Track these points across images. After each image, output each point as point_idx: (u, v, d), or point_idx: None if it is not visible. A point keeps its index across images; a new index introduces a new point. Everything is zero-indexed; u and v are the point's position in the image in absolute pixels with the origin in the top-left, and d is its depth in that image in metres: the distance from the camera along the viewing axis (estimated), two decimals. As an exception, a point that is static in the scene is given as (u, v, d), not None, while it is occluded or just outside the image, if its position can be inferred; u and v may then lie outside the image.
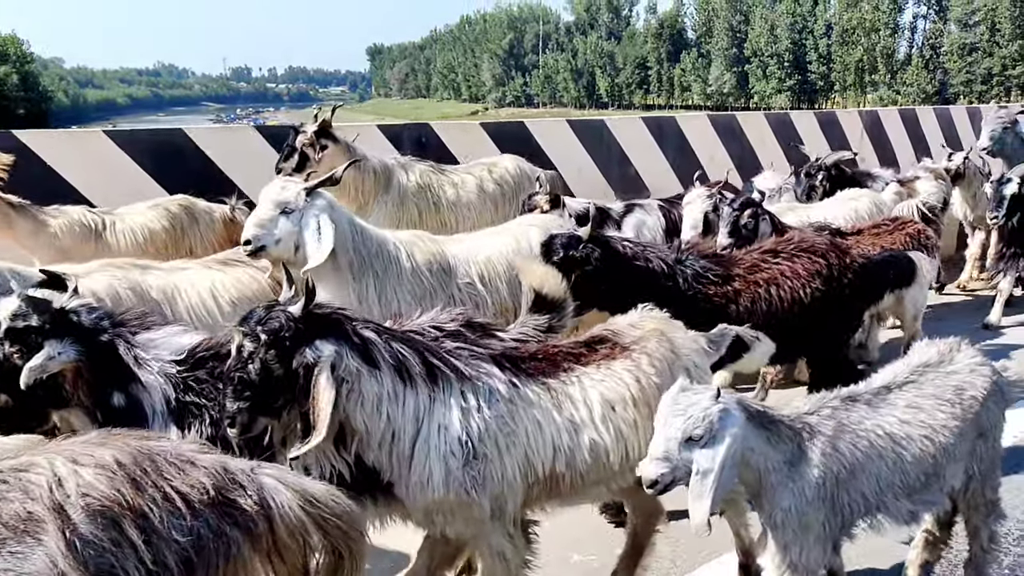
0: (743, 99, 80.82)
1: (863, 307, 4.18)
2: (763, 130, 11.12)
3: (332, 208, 3.83)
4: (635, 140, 9.45)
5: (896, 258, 4.08)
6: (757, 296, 3.66)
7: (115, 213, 4.80)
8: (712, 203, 4.91)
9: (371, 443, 2.44)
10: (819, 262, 3.78)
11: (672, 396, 2.34)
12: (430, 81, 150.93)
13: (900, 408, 2.65)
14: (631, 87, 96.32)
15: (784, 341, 3.76)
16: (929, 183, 7.06)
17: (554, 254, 3.49)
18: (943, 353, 2.87)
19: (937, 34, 67.33)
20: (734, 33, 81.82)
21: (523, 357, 2.74)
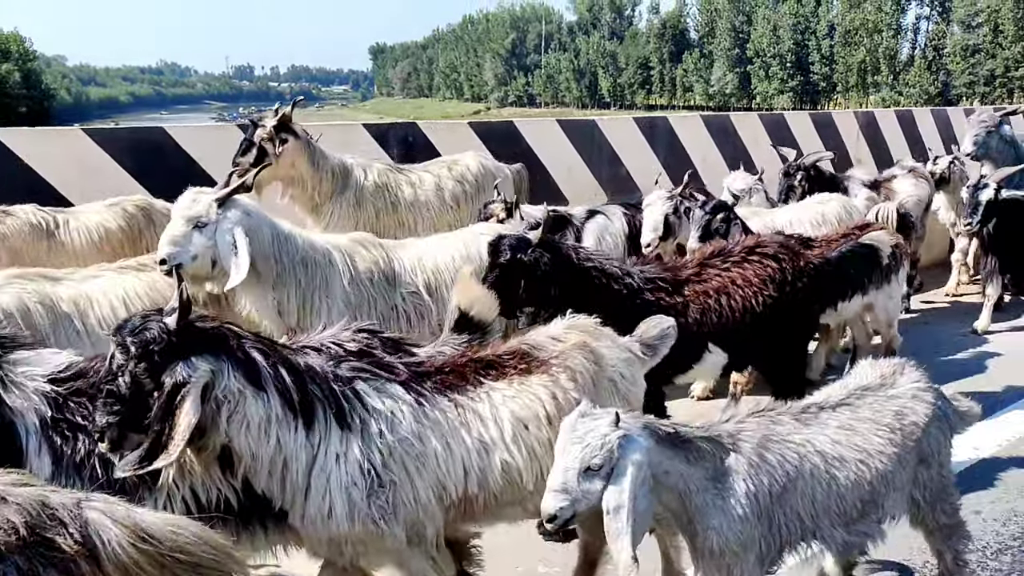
0: (745, 100, 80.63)
1: (820, 311, 4.07)
2: (757, 131, 11.02)
3: (248, 216, 3.66)
4: (627, 140, 9.36)
5: (859, 261, 3.97)
6: (707, 307, 3.53)
7: (68, 212, 4.65)
8: (672, 205, 4.78)
9: (259, 470, 2.28)
10: (771, 267, 3.64)
11: (570, 423, 2.21)
12: (432, 80, 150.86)
13: (832, 428, 2.53)
14: (633, 87, 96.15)
15: (737, 350, 3.68)
16: (907, 182, 6.97)
17: (501, 256, 3.37)
18: (885, 376, 2.77)
19: (940, 35, 67.09)
20: (736, 34, 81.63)
21: (429, 374, 2.59)
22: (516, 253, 3.37)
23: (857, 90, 70.87)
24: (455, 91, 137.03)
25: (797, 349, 3.87)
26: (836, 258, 3.90)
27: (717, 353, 3.63)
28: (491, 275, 3.42)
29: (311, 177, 5.09)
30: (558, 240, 3.66)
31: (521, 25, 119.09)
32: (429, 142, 8.33)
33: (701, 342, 3.60)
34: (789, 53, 75.25)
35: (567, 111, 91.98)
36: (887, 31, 68.14)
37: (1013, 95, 58.08)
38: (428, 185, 5.60)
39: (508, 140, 8.83)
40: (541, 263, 3.37)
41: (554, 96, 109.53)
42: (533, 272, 3.36)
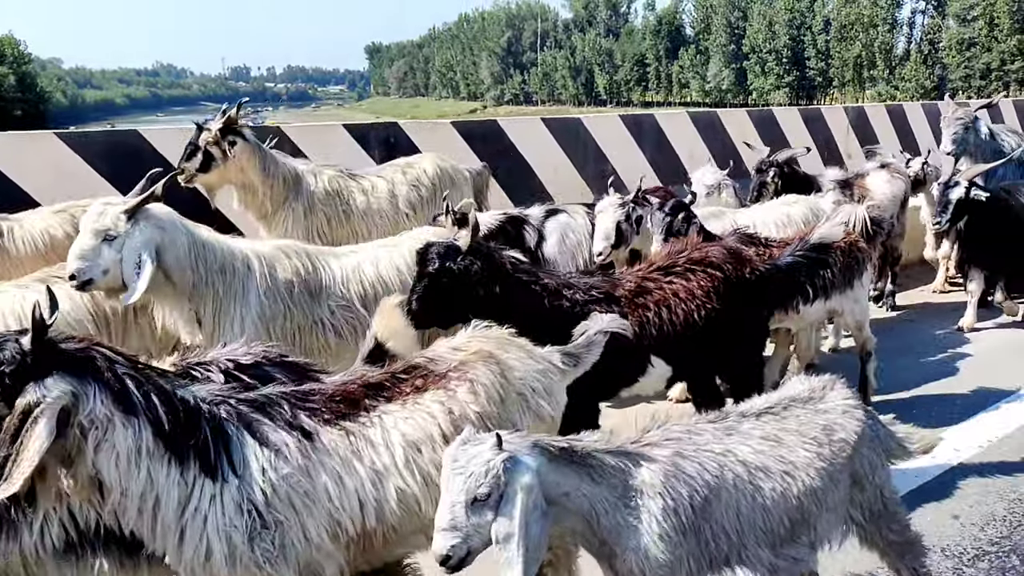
0: (742, 95, 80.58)
1: (769, 317, 3.96)
2: (745, 127, 10.96)
3: (160, 230, 3.49)
4: (612, 138, 9.30)
5: (813, 265, 3.85)
6: (645, 320, 3.39)
7: (13, 219, 4.48)
8: (624, 212, 4.64)
9: (128, 507, 2.10)
10: (716, 276, 3.51)
11: (451, 453, 2.04)
12: (428, 79, 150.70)
13: (755, 439, 2.38)
14: (630, 84, 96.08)
15: (682, 363, 3.56)
16: (880, 179, 6.80)
17: (429, 265, 3.20)
18: (814, 390, 2.62)
19: (935, 29, 67.03)
20: (732, 29, 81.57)
21: (318, 402, 2.38)
22: (445, 261, 3.19)
23: (853, 85, 70.82)
24: (451, 90, 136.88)
25: (747, 358, 3.77)
26: (786, 264, 3.78)
27: (661, 365, 3.51)
28: (419, 286, 3.27)
29: (262, 183, 4.93)
30: (492, 246, 3.43)
31: (517, 23, 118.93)
32: (411, 142, 8.26)
33: (643, 355, 3.45)
34: (785, 48, 75.20)
35: (563, 109, 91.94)
36: (883, 25, 68.13)
37: (1009, 88, 58.03)
38: (382, 192, 5.39)
39: (492, 139, 8.76)
40: (472, 271, 3.19)
41: (550, 94, 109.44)
42: (464, 281, 3.18)
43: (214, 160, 4.77)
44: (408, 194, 5.46)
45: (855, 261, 4.75)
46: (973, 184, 6.02)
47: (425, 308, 3.23)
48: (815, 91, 75.66)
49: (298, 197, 5.03)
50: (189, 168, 4.83)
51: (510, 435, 2.09)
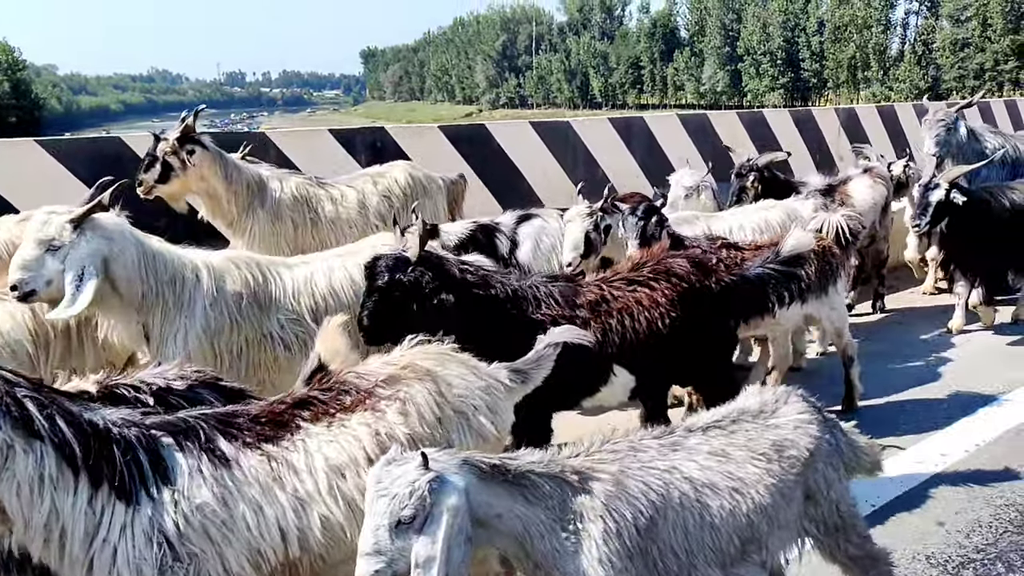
0: (737, 97, 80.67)
1: (736, 327, 3.89)
2: (736, 129, 10.91)
3: (108, 240, 3.37)
4: (602, 141, 9.25)
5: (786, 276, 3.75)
6: (608, 327, 3.30)
7: None
8: (593, 221, 4.55)
9: (33, 537, 1.99)
10: (680, 286, 3.41)
11: (375, 474, 1.94)
12: (424, 84, 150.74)
13: (702, 454, 2.29)
14: (625, 87, 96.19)
15: (645, 372, 3.47)
16: (863, 185, 6.71)
17: (378, 279, 3.09)
18: (766, 403, 2.52)
19: (929, 30, 67.14)
20: (727, 31, 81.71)
21: (241, 423, 2.25)
22: (394, 274, 3.07)
23: (847, 86, 70.94)
24: (447, 94, 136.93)
25: (714, 368, 3.70)
26: (755, 275, 3.70)
27: (623, 375, 3.43)
28: (369, 301, 3.14)
29: (225, 190, 4.81)
30: (443, 255, 3.30)
31: (511, 27, 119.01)
32: (398, 147, 8.21)
33: (606, 364, 3.36)
34: (779, 50, 75.34)
35: (559, 112, 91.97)
36: (876, 26, 68.29)
37: (1003, 88, 58.14)
38: (351, 201, 5.26)
39: (480, 143, 8.71)
40: (422, 283, 3.07)
41: (546, 97, 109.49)
42: (415, 293, 3.07)
43: (173, 170, 4.67)
44: (379, 204, 5.34)
45: (829, 267, 4.68)
46: (954, 186, 5.93)
47: (377, 324, 3.12)
48: (810, 92, 75.76)
49: (264, 203, 4.93)
50: (148, 179, 4.71)
51: (438, 453, 1.98)
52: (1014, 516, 3.69)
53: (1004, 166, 7.39)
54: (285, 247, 4.93)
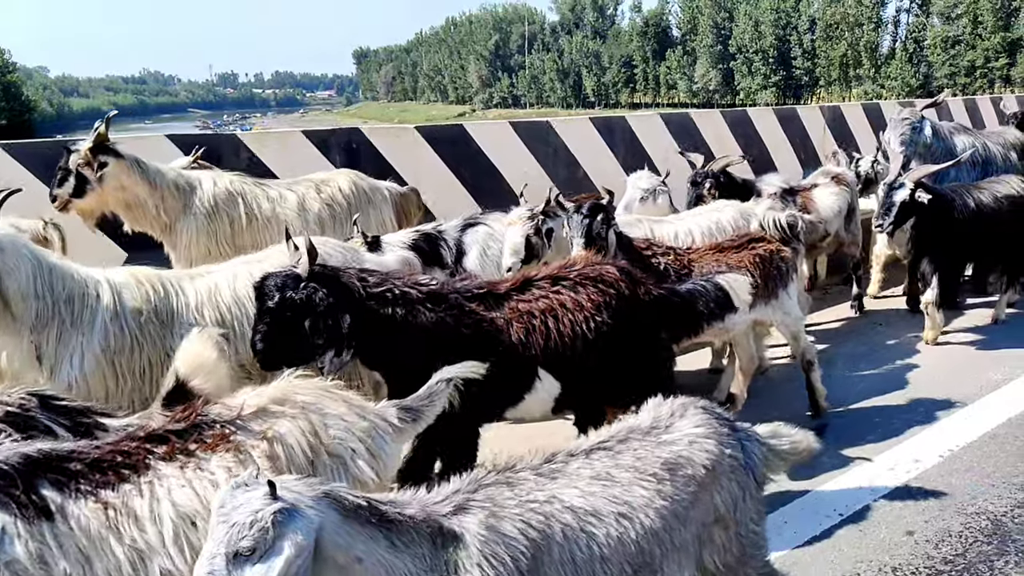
0: (729, 96, 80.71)
1: (673, 339, 3.71)
2: (720, 128, 10.82)
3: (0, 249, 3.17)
4: (583, 141, 9.15)
5: (718, 302, 3.61)
6: (532, 327, 3.16)
7: None
8: (534, 225, 4.39)
9: None
10: (608, 292, 3.28)
11: (220, 498, 1.77)
12: (417, 84, 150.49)
13: (584, 480, 2.11)
14: (617, 86, 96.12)
15: (572, 380, 3.31)
16: (828, 191, 6.59)
17: (267, 300, 2.91)
18: (659, 419, 2.36)
19: (920, 27, 67.25)
20: (719, 30, 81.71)
21: (77, 464, 2.02)
22: (285, 293, 2.89)
23: (839, 84, 71.03)
24: (440, 94, 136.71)
25: (645, 382, 3.54)
26: (686, 292, 3.58)
27: (549, 381, 3.26)
28: (261, 323, 2.96)
29: (150, 196, 4.59)
30: (339, 268, 3.10)
31: (504, 26, 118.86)
32: (374, 148, 8.10)
33: (530, 367, 3.18)
34: (771, 48, 75.37)
35: (552, 111, 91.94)
36: (868, 24, 68.38)
37: (993, 85, 58.28)
38: (291, 203, 5.06)
39: (458, 144, 8.61)
40: (315, 300, 2.88)
41: (539, 97, 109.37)
42: (309, 312, 2.88)
43: (88, 183, 4.42)
44: (320, 211, 5.13)
45: (778, 271, 4.51)
46: (919, 185, 5.82)
47: (271, 347, 2.94)
48: (802, 91, 75.84)
49: (198, 204, 4.73)
50: (62, 194, 4.46)
51: (296, 482, 1.80)
52: (984, 525, 3.61)
53: (975, 167, 7.28)
54: (224, 245, 4.75)
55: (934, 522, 3.64)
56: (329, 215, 5.13)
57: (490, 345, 3.08)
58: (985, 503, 3.79)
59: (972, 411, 4.84)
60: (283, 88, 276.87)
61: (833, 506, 3.78)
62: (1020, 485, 3.94)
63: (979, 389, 5.17)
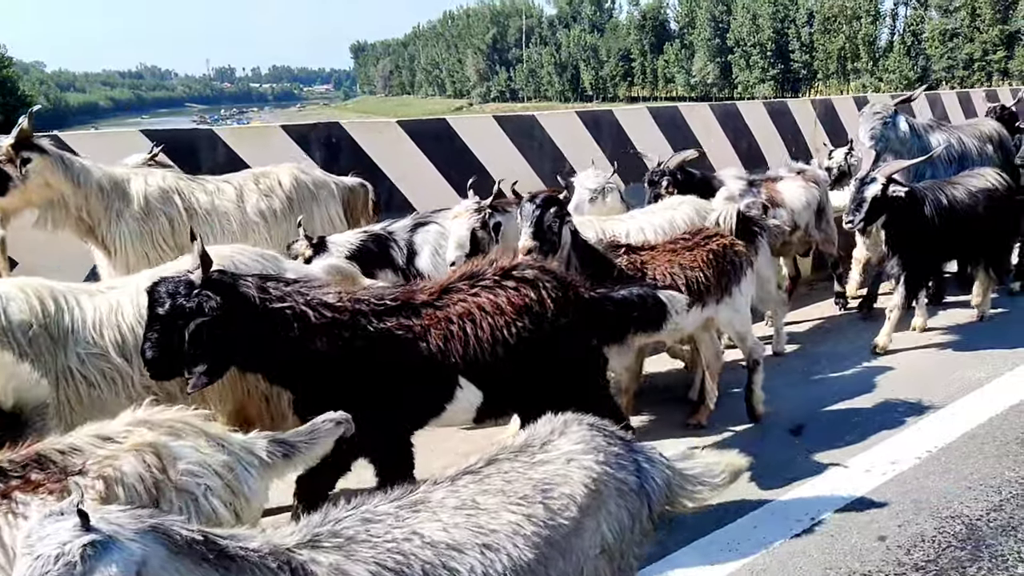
0: (727, 89, 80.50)
1: (604, 344, 3.50)
2: (708, 122, 10.72)
3: None
4: (570, 136, 9.04)
5: (652, 311, 3.33)
6: (450, 333, 3.00)
7: None
8: (480, 219, 4.25)
9: None
10: (528, 296, 3.11)
11: (28, 528, 1.61)
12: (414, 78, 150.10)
13: (448, 510, 1.92)
14: (615, 79, 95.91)
15: (494, 388, 3.14)
16: (794, 184, 6.41)
17: (158, 307, 2.74)
18: (535, 437, 2.16)
19: (918, 20, 67.01)
20: (716, 23, 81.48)
21: None
22: (175, 300, 2.71)
23: (837, 77, 70.85)
24: (438, 88, 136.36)
25: (574, 390, 3.29)
26: (620, 298, 3.44)
27: (470, 390, 3.10)
28: (151, 331, 2.78)
29: (74, 194, 4.36)
30: (238, 276, 2.92)
31: (501, 20, 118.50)
32: (355, 144, 8.00)
33: (450, 376, 3.02)
34: (769, 42, 75.18)
35: (550, 105, 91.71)
36: (866, 17, 68.21)
37: (991, 78, 58.08)
38: (228, 195, 4.86)
39: (442, 139, 8.51)
40: (207, 308, 2.69)
41: (536, 90, 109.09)
42: (203, 321, 2.70)
43: (11, 180, 4.17)
44: (258, 202, 4.92)
45: (732, 266, 4.34)
46: (891, 181, 5.63)
47: (162, 357, 2.74)
48: (800, 84, 75.64)
49: (127, 203, 4.50)
50: None
51: (120, 513, 1.62)
52: (959, 530, 3.52)
53: (951, 163, 7.11)
54: (164, 246, 4.56)
55: (907, 527, 3.54)
56: (268, 208, 4.93)
57: (405, 357, 2.92)
58: (961, 506, 3.70)
59: (952, 411, 4.74)
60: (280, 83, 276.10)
61: (805, 510, 3.69)
62: (997, 487, 3.85)
63: (960, 388, 5.08)
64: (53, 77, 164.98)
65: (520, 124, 9.03)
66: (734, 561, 3.35)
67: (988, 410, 4.72)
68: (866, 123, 6.89)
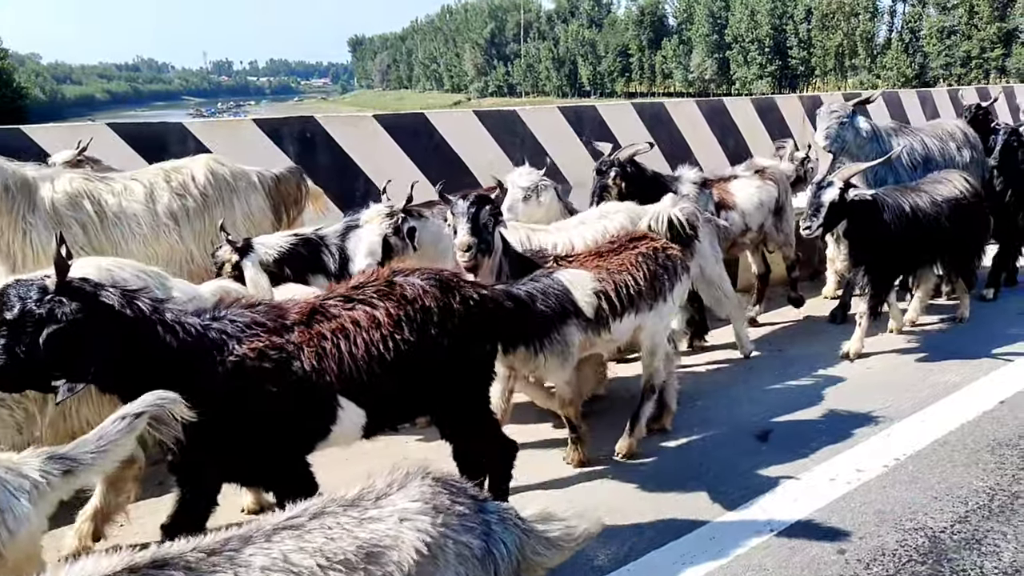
0: (725, 85, 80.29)
1: (512, 345, 3.34)
2: (695, 119, 10.61)
3: None
4: (552, 131, 8.93)
5: (558, 306, 3.22)
6: (323, 352, 2.79)
7: None
8: (393, 224, 4.04)
9: None
10: (408, 307, 2.90)
11: None
12: (412, 72, 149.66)
13: (255, 570, 1.67)
14: (613, 75, 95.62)
15: (377, 406, 2.96)
16: (749, 184, 6.14)
17: (6, 309, 2.54)
18: (369, 490, 1.94)
19: (916, 17, 66.81)
20: (715, 19, 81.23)
21: None
22: (26, 304, 2.50)
23: (835, 74, 70.69)
24: (435, 82, 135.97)
25: (461, 403, 3.15)
26: (525, 294, 3.30)
27: (352, 410, 2.88)
28: None
29: None
30: (100, 284, 2.71)
31: (500, 15, 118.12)
32: (330, 138, 7.87)
33: (329, 397, 2.81)
34: (767, 38, 74.97)
35: (547, 100, 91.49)
36: (864, 14, 68.02)
37: (989, 76, 57.97)
38: (137, 195, 4.60)
39: (420, 134, 8.39)
40: (60, 315, 2.50)
41: (534, 85, 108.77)
42: (55, 329, 2.50)
43: None
44: (170, 202, 4.67)
45: (664, 270, 4.07)
46: (849, 185, 5.41)
47: (9, 365, 2.52)
48: (798, 80, 75.42)
49: (33, 209, 4.23)
50: None
51: None
52: (921, 543, 3.41)
53: (915, 168, 6.88)
54: (79, 252, 4.26)
55: (869, 539, 3.43)
56: (181, 207, 4.68)
57: (278, 379, 2.72)
58: (925, 518, 3.58)
59: (924, 416, 4.63)
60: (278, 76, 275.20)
61: (766, 521, 3.57)
62: (963, 498, 3.74)
63: (933, 393, 4.97)
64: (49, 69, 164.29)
65: (501, 119, 8.90)
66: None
67: (960, 416, 4.61)
68: (822, 123, 6.66)
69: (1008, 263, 7.22)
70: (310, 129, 7.77)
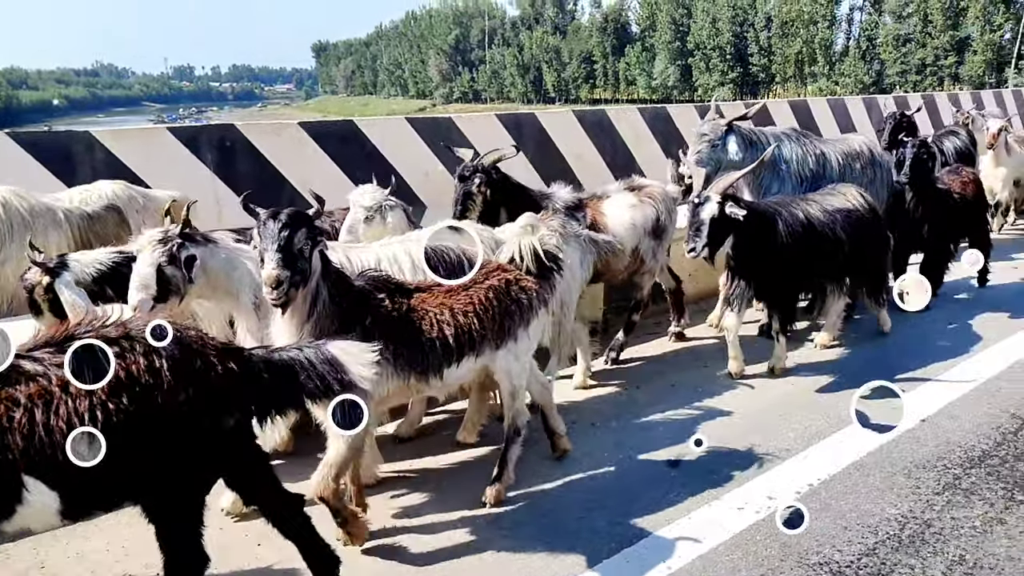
0: (687, 92, 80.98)
1: (264, 418, 2.77)
2: (637, 127, 10.51)
3: None
4: (490, 139, 8.73)
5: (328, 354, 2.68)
6: (10, 423, 2.30)
7: None
8: (168, 252, 3.54)
9: None
10: (133, 368, 2.42)
11: None
12: (377, 78, 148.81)
13: None
14: (577, 81, 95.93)
15: (84, 488, 2.50)
16: (623, 202, 5.60)
17: None
18: None
19: (873, 26, 68.06)
20: (677, 27, 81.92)
21: None
22: None
23: (795, 80, 71.68)
24: (400, 88, 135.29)
25: (175, 486, 2.65)
26: (282, 362, 2.69)
27: (41, 491, 2.40)
28: None
29: None
30: None
31: (464, 21, 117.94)
32: (252, 146, 7.58)
33: (10, 475, 2.34)
34: (728, 45, 75.80)
35: (512, 106, 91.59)
36: (822, 22, 69.08)
37: (943, 83, 59.17)
38: None
39: (349, 142, 8.15)
40: None
41: (499, 92, 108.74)
42: None
43: None
44: None
45: (517, 306, 3.75)
46: (727, 198, 5.03)
47: None
48: (759, 87, 76.34)
49: None
50: None
51: None
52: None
53: (803, 182, 6.51)
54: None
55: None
56: None
57: None
58: (832, 551, 3.42)
59: (842, 437, 4.49)
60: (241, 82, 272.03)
61: (664, 558, 3.38)
62: (874, 527, 3.58)
63: (848, 413, 4.80)
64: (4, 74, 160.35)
65: (435, 127, 8.70)
66: (576, 619, 3.02)
67: (880, 436, 4.46)
68: (693, 147, 6.32)
69: (932, 276, 6.97)
70: (230, 137, 7.49)
